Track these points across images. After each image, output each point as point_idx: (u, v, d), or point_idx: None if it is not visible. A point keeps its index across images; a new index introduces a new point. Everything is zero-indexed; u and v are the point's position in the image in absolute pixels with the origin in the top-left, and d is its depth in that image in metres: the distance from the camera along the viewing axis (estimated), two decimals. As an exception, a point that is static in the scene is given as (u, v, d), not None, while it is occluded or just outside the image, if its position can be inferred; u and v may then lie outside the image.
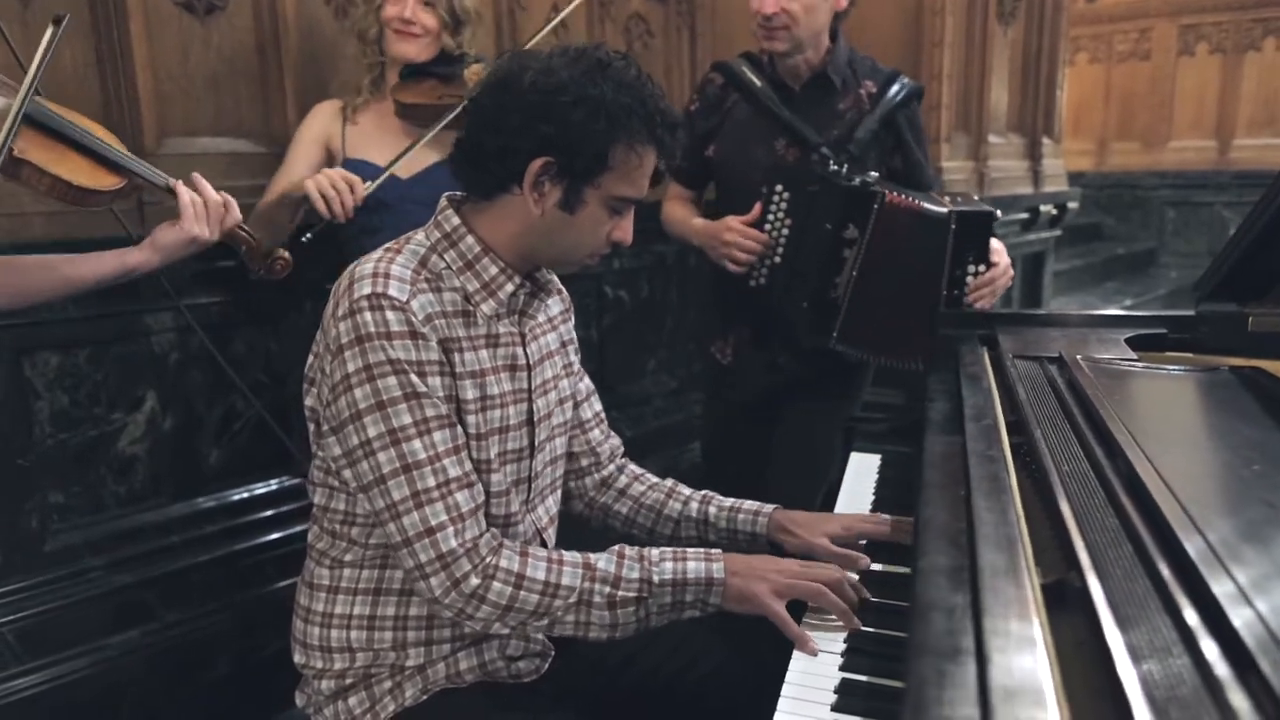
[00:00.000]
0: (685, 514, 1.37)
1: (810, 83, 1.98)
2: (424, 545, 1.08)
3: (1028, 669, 0.62)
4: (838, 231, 1.84)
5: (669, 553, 1.16)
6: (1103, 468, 0.94)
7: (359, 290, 1.09)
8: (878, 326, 1.89)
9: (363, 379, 1.08)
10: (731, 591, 1.13)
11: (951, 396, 1.31)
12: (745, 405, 2.14)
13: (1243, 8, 5.91)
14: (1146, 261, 6.05)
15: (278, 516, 2.24)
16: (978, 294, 1.84)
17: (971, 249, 1.83)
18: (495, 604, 1.10)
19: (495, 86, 1.14)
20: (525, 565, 1.11)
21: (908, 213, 1.83)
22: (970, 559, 0.79)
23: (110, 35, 1.85)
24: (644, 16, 2.91)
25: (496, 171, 1.14)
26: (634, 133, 1.11)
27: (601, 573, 1.13)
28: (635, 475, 1.44)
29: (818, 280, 1.87)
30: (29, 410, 1.88)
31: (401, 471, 1.08)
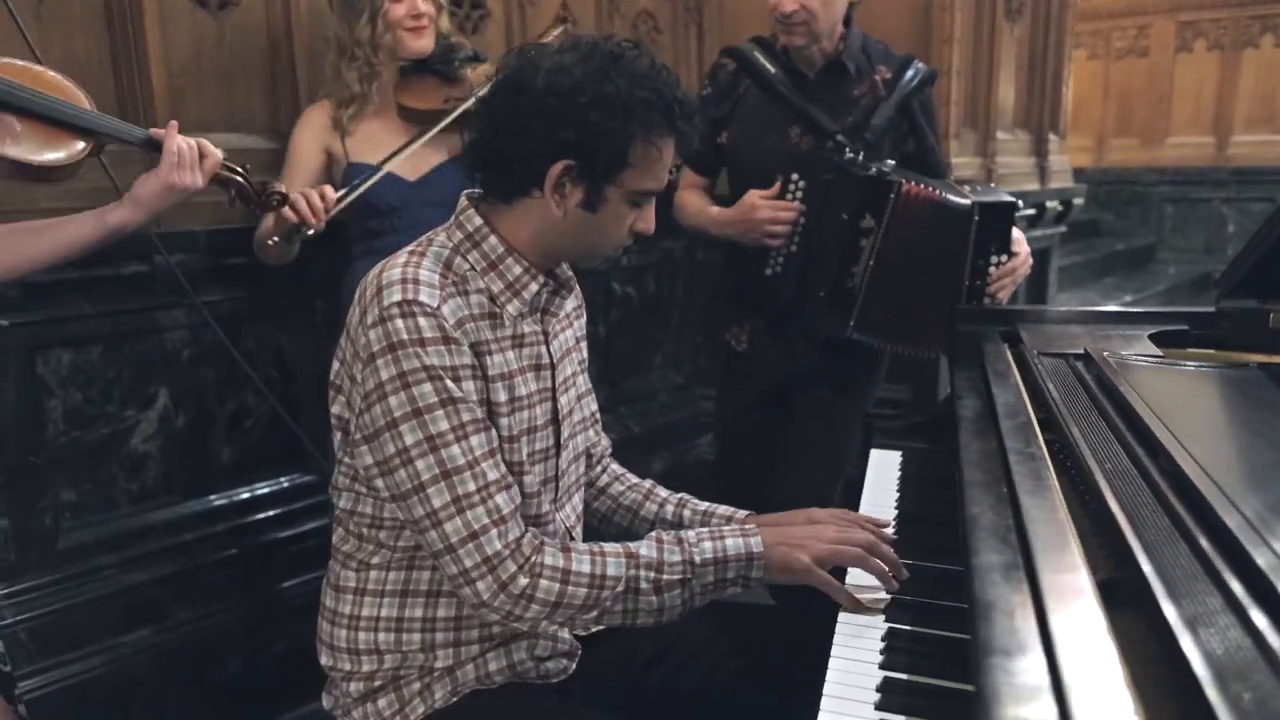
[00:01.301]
0: (660, 516, 1.37)
1: (825, 69, 1.97)
2: (468, 550, 1.07)
3: (1099, 664, 0.61)
4: (854, 221, 1.83)
5: (705, 532, 1.17)
6: (1145, 466, 0.94)
7: (389, 297, 1.08)
8: (895, 315, 1.88)
9: (397, 387, 1.07)
10: (774, 562, 1.14)
11: (980, 394, 1.31)
12: (761, 393, 2.13)
13: (1240, 5, 5.92)
14: (1145, 257, 6.06)
15: (289, 514, 2.23)
16: (1000, 284, 1.85)
17: (994, 239, 1.83)
18: (544, 601, 1.09)
19: (508, 88, 1.12)
20: (570, 560, 1.11)
21: (927, 203, 1.82)
22: (1024, 557, 0.78)
23: (124, 30, 1.84)
24: (652, 13, 2.90)
25: (517, 176, 1.13)
26: (653, 126, 1.10)
27: (644, 559, 1.13)
28: (616, 475, 1.44)
29: (835, 269, 1.86)
30: (42, 407, 1.86)
31: (441, 478, 1.07)
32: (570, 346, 1.29)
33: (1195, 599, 0.67)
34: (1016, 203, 1.88)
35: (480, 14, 2.46)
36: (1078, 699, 0.59)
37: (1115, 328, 1.60)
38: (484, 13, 2.47)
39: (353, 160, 1.93)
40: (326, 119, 1.95)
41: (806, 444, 2.07)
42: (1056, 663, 0.62)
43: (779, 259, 1.93)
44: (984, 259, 1.84)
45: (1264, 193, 5.82)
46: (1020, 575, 0.77)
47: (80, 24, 1.80)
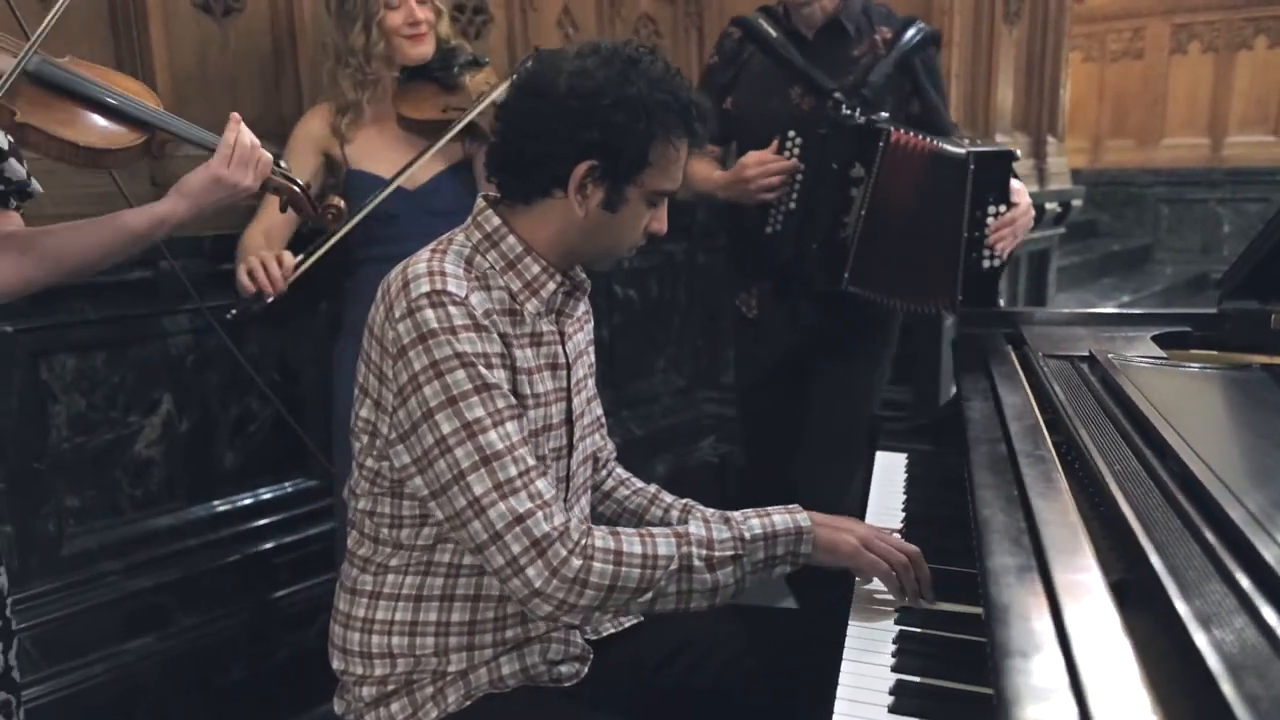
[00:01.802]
0: (665, 520, 1.37)
1: (823, 30, 1.99)
2: (515, 535, 1.05)
3: (1115, 663, 0.62)
4: (845, 170, 1.85)
5: (750, 511, 1.17)
6: (1154, 467, 0.95)
7: (416, 289, 1.09)
8: (891, 268, 1.88)
9: (430, 376, 1.07)
10: (821, 539, 1.15)
11: (987, 396, 1.31)
12: (775, 362, 2.14)
13: (1234, 7, 5.95)
14: (1142, 258, 6.09)
15: (292, 519, 2.23)
16: (999, 234, 1.82)
17: (992, 190, 1.81)
18: (599, 585, 1.07)
19: (529, 92, 1.13)
20: (620, 542, 1.09)
21: (919, 151, 1.82)
22: (1038, 558, 0.79)
23: (130, 37, 1.84)
24: (653, 17, 2.91)
25: (540, 177, 1.15)
26: (671, 127, 1.12)
27: (695, 536, 1.12)
28: (621, 479, 1.44)
29: (828, 221, 1.87)
30: (46, 413, 1.86)
31: (481, 465, 1.06)
32: (582, 349, 1.30)
33: (1208, 597, 0.67)
34: (1014, 152, 1.86)
35: (483, 19, 2.47)
36: (1096, 698, 0.60)
37: (1118, 329, 1.61)
38: (486, 18, 2.47)
39: (354, 167, 1.93)
40: (325, 123, 1.94)
41: (824, 421, 2.08)
42: (1074, 662, 0.63)
43: (778, 217, 1.94)
44: (981, 210, 1.81)
45: (1259, 193, 5.85)
46: (1034, 577, 0.78)
47: (85, 29, 1.80)
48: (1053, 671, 0.63)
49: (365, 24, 1.82)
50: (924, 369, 2.75)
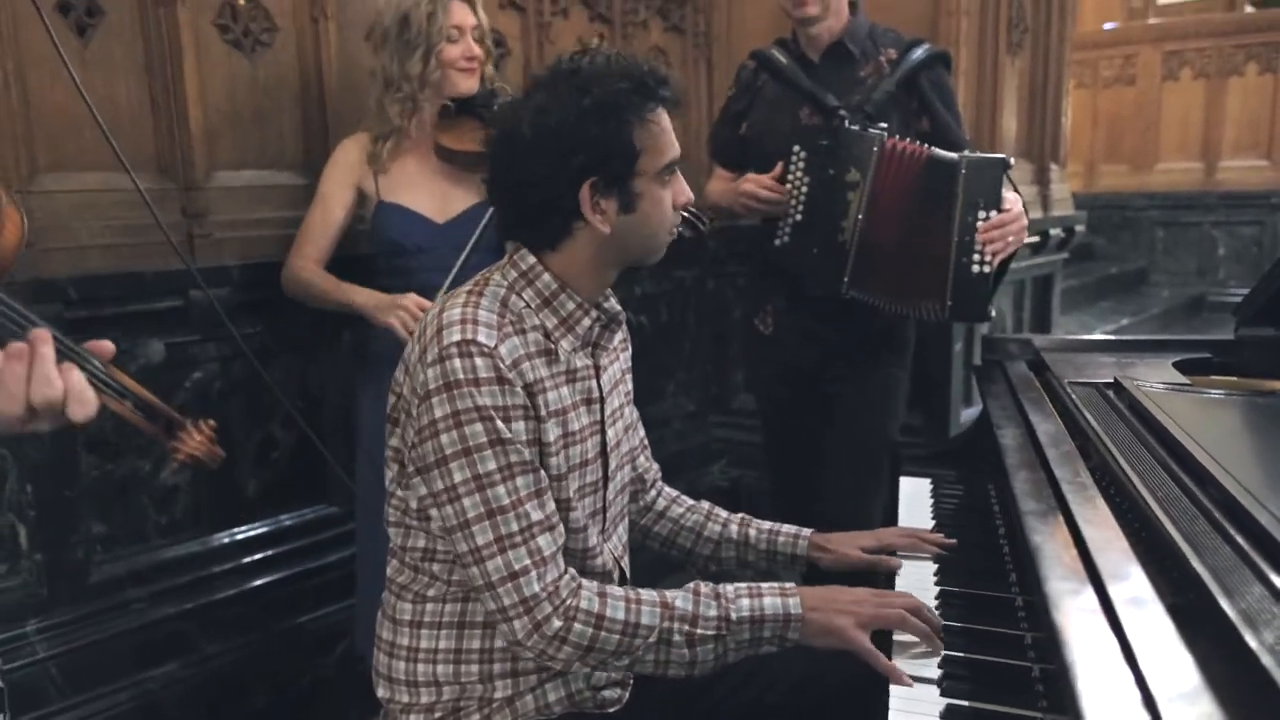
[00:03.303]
0: (725, 535, 1.41)
1: (829, 52, 2.05)
2: (507, 590, 1.10)
3: (1187, 688, 0.64)
4: (841, 175, 1.90)
5: (744, 588, 1.18)
6: (1195, 494, 0.97)
7: (448, 337, 1.11)
8: (889, 272, 1.91)
9: (449, 425, 1.10)
10: (812, 627, 1.15)
11: (1018, 423, 1.34)
12: (793, 381, 2.16)
13: (1224, 34, 6.06)
14: (1138, 280, 6.15)
15: (314, 545, 2.24)
16: (988, 237, 1.82)
17: (983, 194, 1.83)
18: (577, 645, 1.11)
19: (503, 150, 1.18)
20: (605, 606, 1.13)
21: (913, 157, 1.87)
22: (1094, 583, 0.82)
23: (164, 73, 1.87)
24: (663, 48, 2.97)
25: (554, 220, 1.17)
26: (639, 107, 1.14)
27: (679, 611, 1.14)
28: (672, 498, 1.47)
29: (826, 227, 1.92)
30: (75, 441, 1.87)
31: (486, 517, 1.10)
32: (618, 379, 1.32)
33: (1274, 626, 0.70)
34: (1007, 159, 1.89)
35: (501, 52, 2.51)
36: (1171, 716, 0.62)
37: (1138, 355, 1.65)
38: (504, 51, 2.52)
39: (384, 199, 1.94)
40: (362, 153, 1.95)
41: (845, 440, 2.10)
42: (1145, 682, 0.65)
43: (786, 228, 1.98)
44: (972, 214, 1.83)
45: (1253, 216, 5.93)
46: (1093, 601, 0.80)
47: (122, 68, 1.84)
48: (1126, 692, 0.66)
49: (426, 54, 1.86)
50: (935, 393, 2.79)
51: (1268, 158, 5.95)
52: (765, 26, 2.94)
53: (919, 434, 2.74)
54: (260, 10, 2.03)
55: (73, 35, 1.78)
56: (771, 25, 2.90)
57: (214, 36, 1.97)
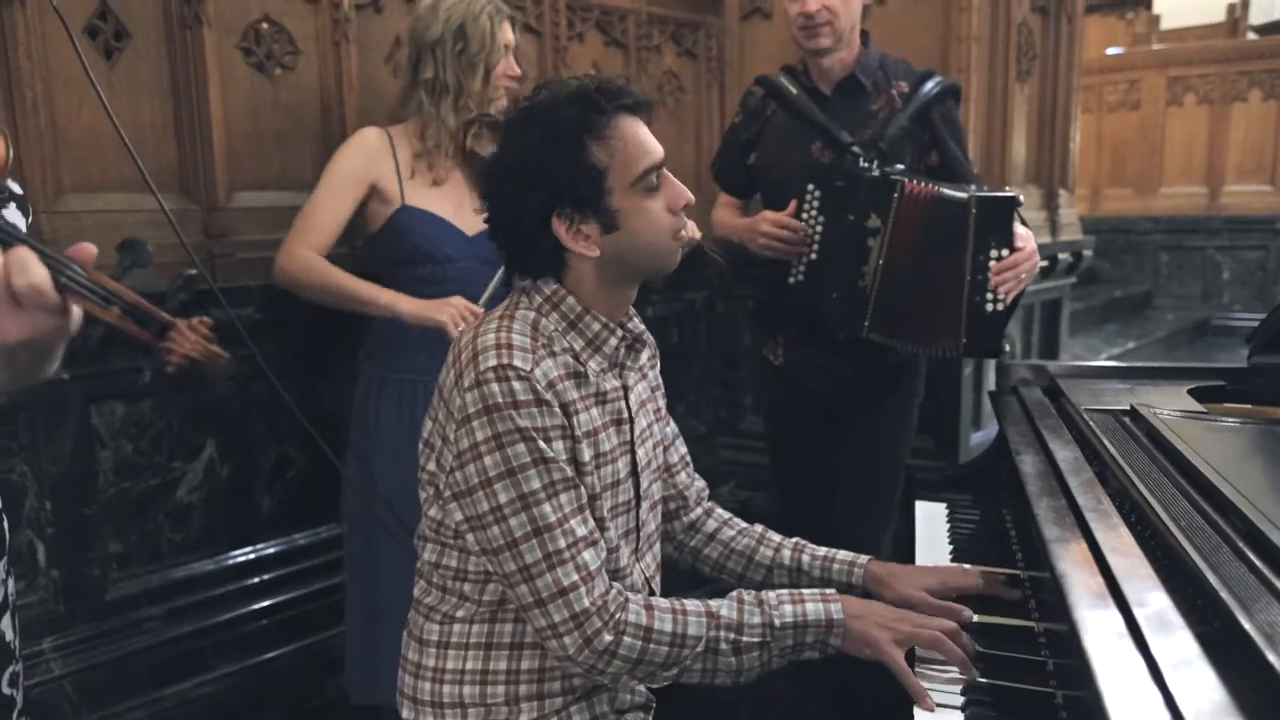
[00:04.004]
0: (777, 561, 1.39)
1: (841, 85, 2.05)
2: (558, 606, 1.11)
3: (1218, 708, 0.65)
4: (861, 221, 1.90)
5: (785, 595, 1.19)
6: (1217, 522, 0.98)
7: (484, 362, 1.13)
8: (908, 314, 1.92)
9: (492, 447, 1.12)
10: (852, 633, 1.16)
11: (1037, 450, 1.35)
12: (804, 412, 2.17)
13: (1228, 61, 6.12)
14: (1143, 304, 6.18)
15: (327, 564, 2.25)
16: (1000, 278, 1.83)
17: (993, 234, 1.84)
18: (626, 658, 1.12)
19: (482, 192, 1.23)
20: (652, 619, 1.14)
21: (928, 199, 1.87)
22: (1123, 612, 0.83)
23: (189, 95, 1.90)
24: (676, 73, 3.00)
25: (541, 253, 1.20)
26: (591, 125, 1.14)
27: (725, 620, 1.16)
28: (724, 520, 1.46)
29: (847, 271, 1.93)
30: (95, 459, 1.89)
31: (534, 535, 1.11)
32: (646, 398, 1.34)
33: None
34: (1017, 197, 1.88)
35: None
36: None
37: (1152, 382, 1.66)
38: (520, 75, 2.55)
39: (410, 203, 1.90)
40: (384, 147, 1.90)
41: (856, 470, 2.11)
42: (1179, 712, 0.66)
43: (800, 267, 1.99)
44: (984, 254, 1.84)
45: (1257, 241, 5.97)
46: (1122, 628, 0.81)
47: (147, 90, 1.87)
48: (1157, 717, 0.67)
49: (486, 72, 1.89)
50: (945, 417, 2.80)
51: (1271, 183, 6.00)
52: (777, 53, 2.97)
53: (929, 457, 2.75)
54: (284, 34, 2.06)
55: (100, 58, 1.81)
56: (783, 51, 2.94)
57: (237, 59, 2.00)
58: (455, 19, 1.87)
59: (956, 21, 2.73)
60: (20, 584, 1.81)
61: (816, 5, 1.93)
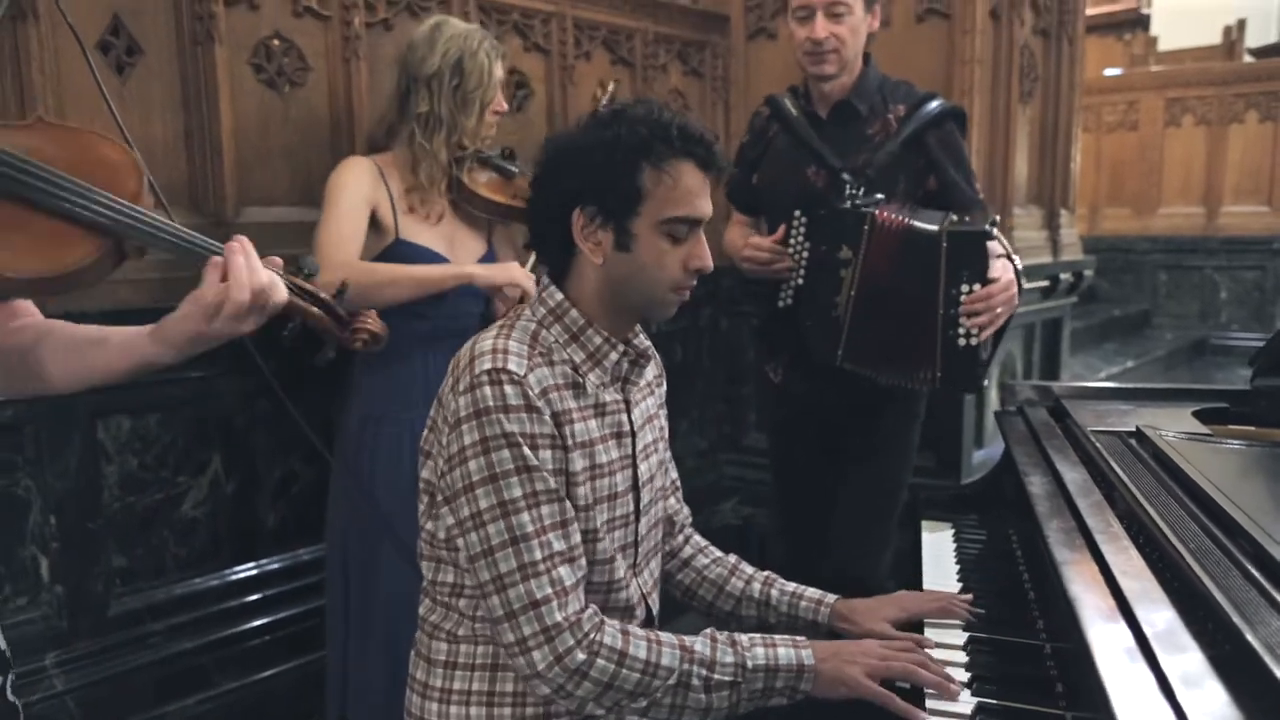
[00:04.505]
0: (747, 593, 1.40)
1: (837, 109, 2.05)
2: (529, 618, 1.11)
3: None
4: (833, 252, 1.91)
5: (759, 638, 1.19)
6: (1226, 545, 0.99)
7: (479, 365, 1.14)
8: (882, 345, 1.91)
9: (478, 451, 1.12)
10: (824, 676, 1.16)
11: (1045, 471, 1.36)
12: (804, 431, 2.18)
13: (1225, 83, 6.17)
14: (1141, 323, 6.20)
15: (330, 580, 2.24)
16: (972, 309, 1.81)
17: (966, 268, 1.81)
18: (597, 680, 1.12)
19: (535, 171, 1.26)
20: (627, 643, 1.14)
21: (899, 232, 1.86)
22: (1135, 633, 0.83)
23: (200, 111, 1.92)
24: (682, 91, 3.03)
25: (553, 236, 1.23)
26: (657, 154, 1.16)
27: (699, 655, 1.15)
28: (700, 547, 1.47)
29: (822, 300, 1.93)
30: (100, 474, 1.89)
31: (509, 544, 1.11)
32: (651, 414, 1.34)
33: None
34: (988, 230, 1.84)
35: (524, 93, 2.57)
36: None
37: (1156, 404, 1.67)
38: (528, 92, 2.57)
39: (403, 237, 1.90)
40: (374, 178, 1.88)
41: (856, 491, 2.11)
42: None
43: (789, 291, 2.00)
44: (956, 288, 1.82)
45: (1255, 261, 6.00)
46: (1135, 648, 0.82)
47: (158, 105, 1.88)
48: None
49: (481, 109, 1.89)
50: (947, 436, 2.80)
51: (1268, 204, 6.03)
52: (782, 73, 3.00)
53: (931, 476, 2.76)
54: (294, 50, 2.08)
55: (112, 73, 1.82)
56: (788, 71, 2.95)
57: (248, 75, 2.01)
58: (453, 54, 1.85)
59: (960, 43, 2.76)
60: (23, 599, 1.81)
61: (825, 33, 1.93)
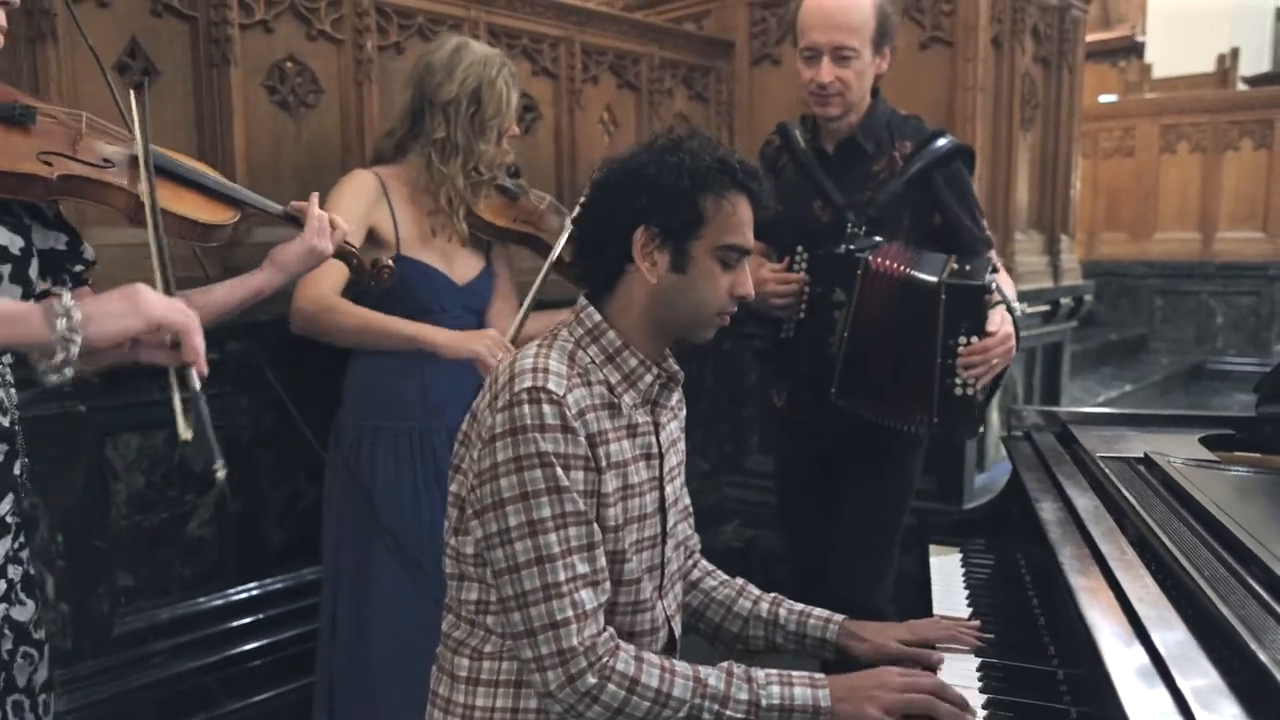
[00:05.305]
0: (755, 613, 1.40)
1: (842, 145, 2.05)
2: (547, 639, 1.12)
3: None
4: (827, 294, 1.92)
5: (774, 675, 1.18)
6: (1240, 573, 1.00)
7: (520, 383, 1.16)
8: (873, 386, 1.92)
9: (510, 469, 1.14)
10: (843, 715, 1.15)
11: (1055, 497, 1.37)
12: (807, 456, 2.18)
13: (1219, 110, 6.24)
14: (1138, 347, 6.23)
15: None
16: (969, 361, 1.81)
17: (964, 320, 1.83)
18: (607, 705, 1.12)
19: (592, 185, 1.28)
20: (640, 671, 1.14)
21: (895, 280, 1.87)
22: (1152, 657, 0.84)
23: (213, 132, 1.94)
24: (687, 116, 3.06)
25: (610, 254, 1.24)
26: (718, 184, 1.21)
27: (712, 689, 1.15)
28: (707, 570, 1.48)
29: (817, 338, 1.95)
30: (108, 492, 1.89)
31: (534, 564, 1.13)
32: (675, 438, 1.36)
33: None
34: (987, 284, 1.84)
35: (533, 116, 2.59)
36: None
37: (1162, 430, 1.68)
38: (536, 116, 2.60)
39: (404, 253, 1.90)
40: (380, 191, 1.89)
41: (858, 518, 2.10)
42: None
43: (791, 324, 2.01)
44: (954, 339, 1.83)
45: (1250, 287, 6.04)
46: (1154, 676, 0.82)
47: (173, 125, 1.90)
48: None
49: (499, 137, 1.90)
50: (949, 460, 2.81)
51: (1263, 230, 6.08)
52: (786, 98, 3.03)
53: (933, 499, 2.76)
54: (307, 73, 2.10)
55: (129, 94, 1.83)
56: (792, 97, 2.99)
57: (262, 97, 2.04)
58: (471, 81, 1.85)
59: (962, 71, 2.80)
60: (28, 617, 1.80)
61: (830, 76, 1.93)
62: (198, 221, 1.39)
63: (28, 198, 1.21)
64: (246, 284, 1.51)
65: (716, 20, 3.20)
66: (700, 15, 3.24)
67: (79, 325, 1.01)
